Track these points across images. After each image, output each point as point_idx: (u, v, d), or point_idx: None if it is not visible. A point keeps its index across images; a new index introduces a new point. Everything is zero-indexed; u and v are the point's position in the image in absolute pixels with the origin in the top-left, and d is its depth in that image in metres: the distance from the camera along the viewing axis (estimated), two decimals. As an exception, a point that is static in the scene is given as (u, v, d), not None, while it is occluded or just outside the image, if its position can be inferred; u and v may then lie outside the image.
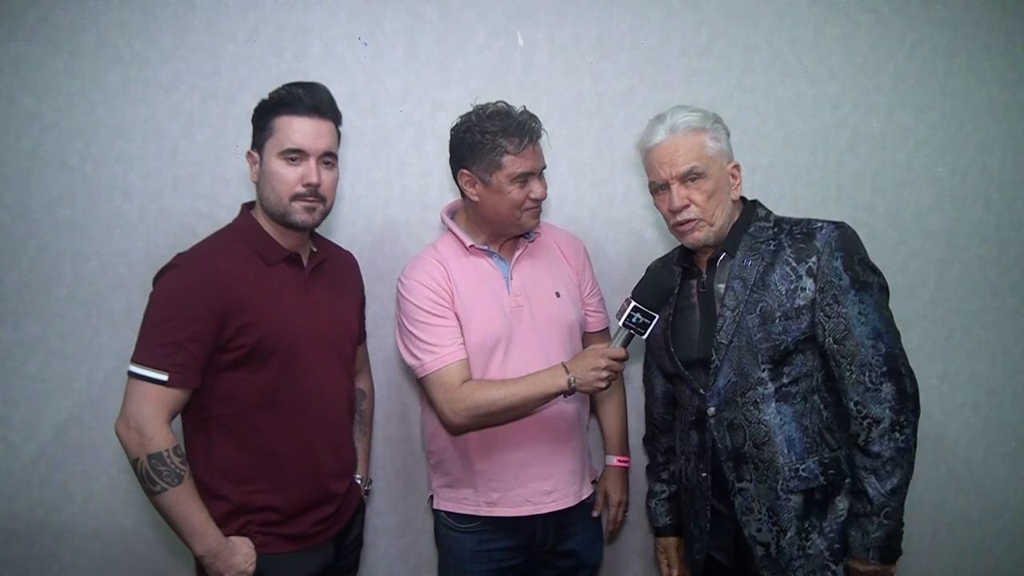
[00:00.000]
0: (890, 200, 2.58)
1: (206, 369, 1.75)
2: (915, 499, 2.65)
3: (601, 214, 2.49)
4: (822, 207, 2.52)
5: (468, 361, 1.98)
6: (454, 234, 2.07)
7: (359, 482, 2.07)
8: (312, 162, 1.80)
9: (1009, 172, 2.64)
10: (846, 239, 1.78)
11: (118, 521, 2.34)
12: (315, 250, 1.96)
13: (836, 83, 2.53)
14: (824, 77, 2.53)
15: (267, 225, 1.86)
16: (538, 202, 2.00)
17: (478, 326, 1.99)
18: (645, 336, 1.83)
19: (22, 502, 2.31)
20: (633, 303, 1.81)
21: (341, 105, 2.30)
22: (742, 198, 1.92)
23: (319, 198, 1.82)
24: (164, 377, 1.69)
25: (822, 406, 1.79)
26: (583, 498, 2.10)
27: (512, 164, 1.93)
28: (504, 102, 1.98)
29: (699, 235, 1.84)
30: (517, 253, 2.08)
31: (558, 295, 2.08)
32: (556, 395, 1.91)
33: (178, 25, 2.29)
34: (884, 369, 1.72)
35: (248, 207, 1.92)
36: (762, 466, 1.77)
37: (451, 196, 2.37)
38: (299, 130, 1.79)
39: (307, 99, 1.81)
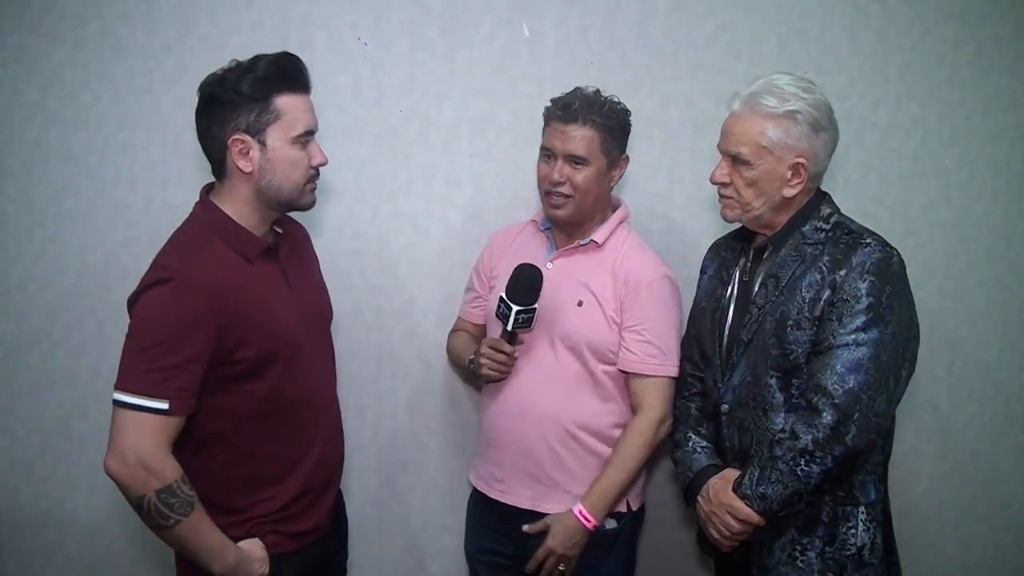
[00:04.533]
0: (897, 191, 2.56)
1: (202, 388, 1.58)
2: (921, 493, 2.66)
3: (607, 206, 2.47)
4: (829, 199, 2.51)
5: (474, 325, 2.20)
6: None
7: None
8: (315, 141, 1.70)
9: (1017, 164, 2.62)
10: (886, 266, 1.64)
11: (123, 513, 2.32)
12: (280, 231, 1.79)
13: (843, 74, 2.51)
14: (831, 68, 2.50)
15: (247, 216, 1.68)
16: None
17: (495, 296, 2.00)
18: (509, 327, 1.89)
19: (27, 494, 2.31)
20: (500, 296, 1.91)
21: (346, 96, 2.30)
22: (819, 189, 1.80)
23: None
24: (165, 406, 1.51)
25: None
26: (538, 508, 1.97)
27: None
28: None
29: (729, 213, 1.80)
30: (566, 247, 2.04)
31: (580, 304, 1.98)
32: (468, 366, 2.08)
33: (182, 16, 2.28)
34: (836, 402, 1.59)
35: (207, 190, 1.73)
36: None
37: (456, 188, 2.37)
38: (306, 110, 1.66)
39: (303, 76, 1.67)
